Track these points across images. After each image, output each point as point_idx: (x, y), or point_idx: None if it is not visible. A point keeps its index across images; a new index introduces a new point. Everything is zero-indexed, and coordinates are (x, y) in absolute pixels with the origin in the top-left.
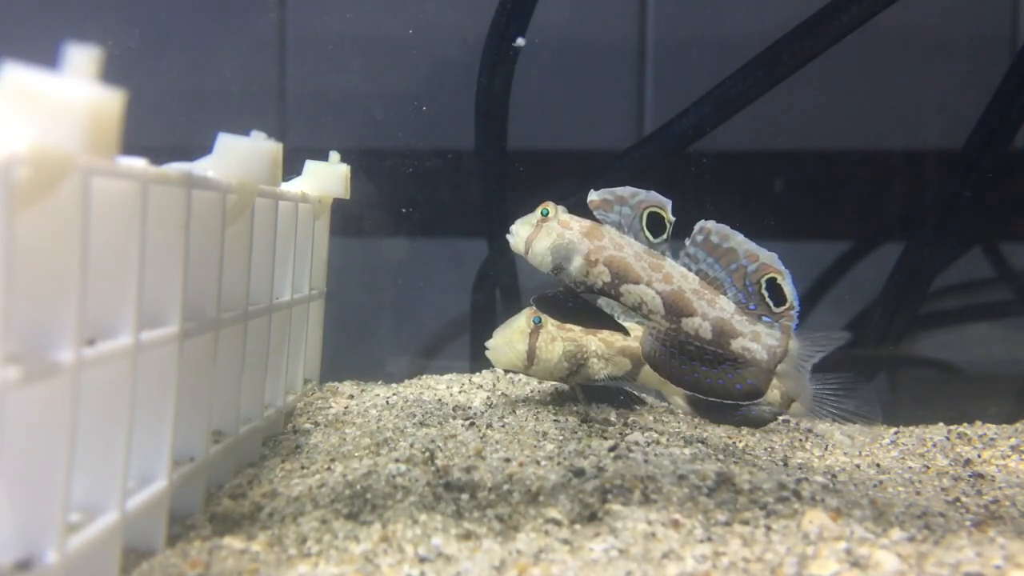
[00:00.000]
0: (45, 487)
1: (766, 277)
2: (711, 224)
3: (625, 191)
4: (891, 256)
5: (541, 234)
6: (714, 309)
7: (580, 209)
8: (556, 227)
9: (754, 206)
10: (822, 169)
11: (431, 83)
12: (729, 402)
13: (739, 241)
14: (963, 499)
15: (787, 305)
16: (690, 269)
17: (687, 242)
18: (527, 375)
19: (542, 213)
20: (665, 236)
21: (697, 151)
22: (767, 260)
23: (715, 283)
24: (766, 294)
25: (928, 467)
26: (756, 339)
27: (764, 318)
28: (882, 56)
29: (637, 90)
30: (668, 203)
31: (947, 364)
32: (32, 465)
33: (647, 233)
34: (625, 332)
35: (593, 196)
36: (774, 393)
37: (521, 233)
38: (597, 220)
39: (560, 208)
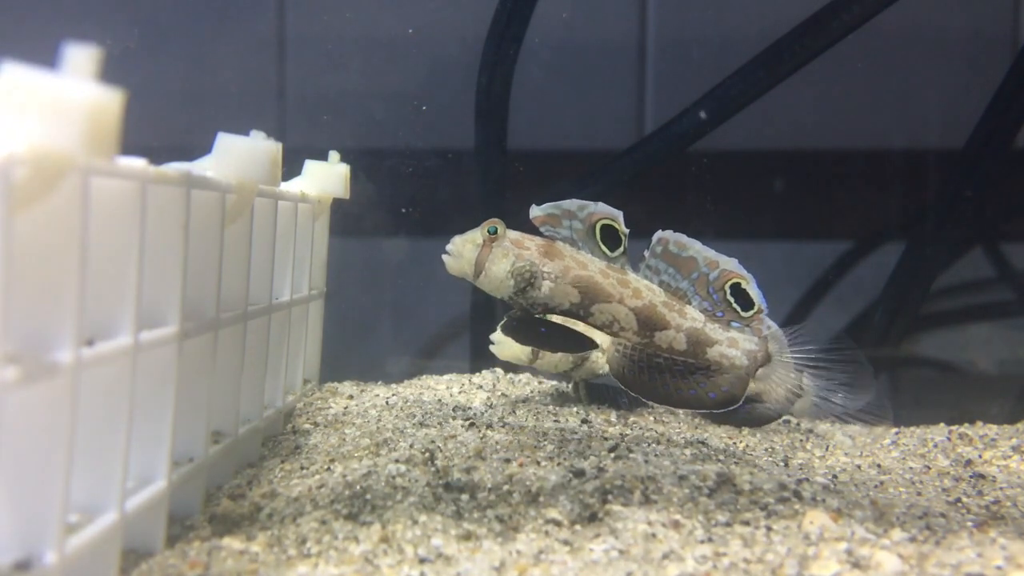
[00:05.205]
0: (44, 487)
1: (730, 283)
2: (668, 234)
3: (572, 204)
4: (892, 256)
5: (496, 256)
6: (686, 320)
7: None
8: (512, 247)
9: (754, 206)
10: (822, 169)
11: (431, 83)
12: (702, 411)
13: (698, 249)
14: (964, 500)
15: (755, 309)
16: (652, 281)
17: (646, 253)
18: (532, 368)
19: (488, 231)
20: (622, 249)
21: (697, 151)
22: (728, 266)
23: (679, 293)
24: (732, 300)
25: (929, 467)
26: (734, 345)
27: (733, 324)
28: (882, 56)
29: (637, 90)
30: (620, 214)
31: (948, 364)
32: (31, 465)
33: (603, 247)
34: (594, 345)
35: (536, 212)
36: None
37: (466, 254)
38: (545, 236)
39: (501, 224)
